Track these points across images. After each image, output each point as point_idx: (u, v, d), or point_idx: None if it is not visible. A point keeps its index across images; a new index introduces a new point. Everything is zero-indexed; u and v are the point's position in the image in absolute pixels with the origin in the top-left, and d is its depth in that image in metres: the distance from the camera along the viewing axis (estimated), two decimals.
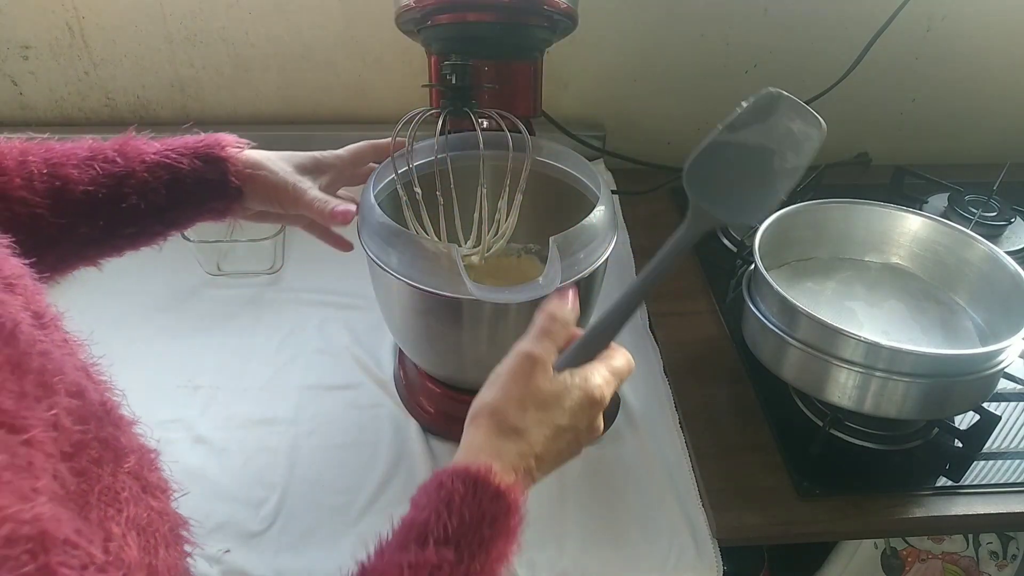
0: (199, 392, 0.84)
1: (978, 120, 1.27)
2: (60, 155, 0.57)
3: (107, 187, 0.58)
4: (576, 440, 0.50)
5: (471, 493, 0.43)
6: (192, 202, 0.63)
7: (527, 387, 0.48)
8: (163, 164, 0.60)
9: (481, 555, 0.43)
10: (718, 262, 1.03)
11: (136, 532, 0.39)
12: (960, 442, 0.80)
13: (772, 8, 1.12)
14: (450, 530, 0.42)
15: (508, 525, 0.44)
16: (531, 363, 0.49)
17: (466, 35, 0.79)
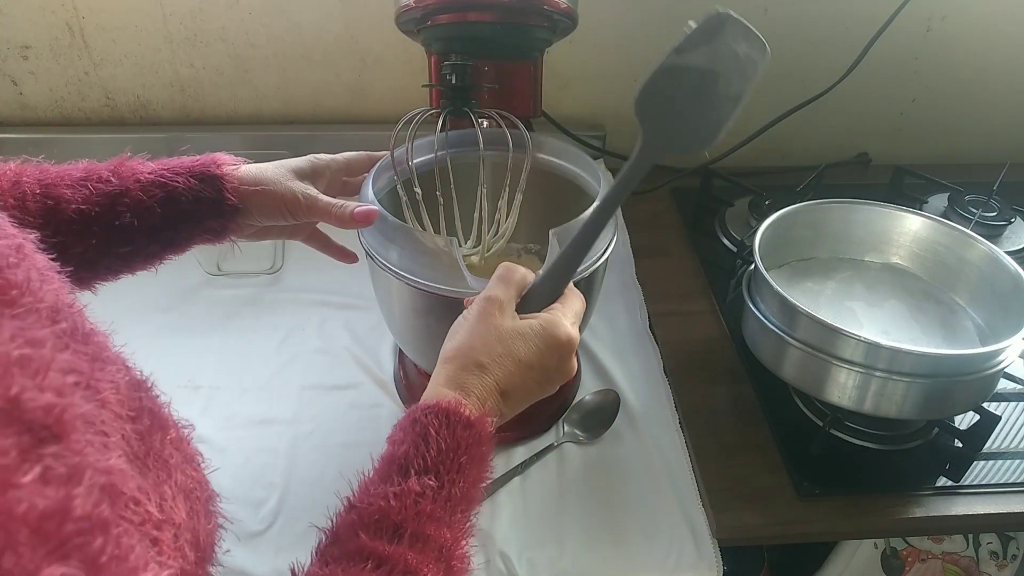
0: (199, 392, 0.84)
1: (978, 120, 1.27)
2: (54, 176, 0.58)
3: (100, 205, 0.58)
4: (546, 378, 0.52)
5: (444, 425, 0.46)
6: (188, 221, 0.62)
7: (489, 326, 0.51)
8: (158, 183, 0.60)
9: (459, 480, 0.46)
10: (718, 262, 1.03)
11: (183, 496, 0.41)
12: (960, 442, 0.80)
13: (772, 8, 1.12)
14: (429, 460, 0.45)
15: (480, 452, 0.47)
16: (492, 305, 0.52)
17: (466, 35, 0.79)
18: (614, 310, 0.96)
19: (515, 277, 0.54)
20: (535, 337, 0.51)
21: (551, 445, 0.79)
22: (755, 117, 1.13)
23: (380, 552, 0.41)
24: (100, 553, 0.27)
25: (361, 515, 0.44)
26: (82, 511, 0.27)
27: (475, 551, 0.69)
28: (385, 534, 0.42)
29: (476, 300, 0.53)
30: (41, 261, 0.38)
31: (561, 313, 0.53)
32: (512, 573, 0.68)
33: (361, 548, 0.42)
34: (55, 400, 0.29)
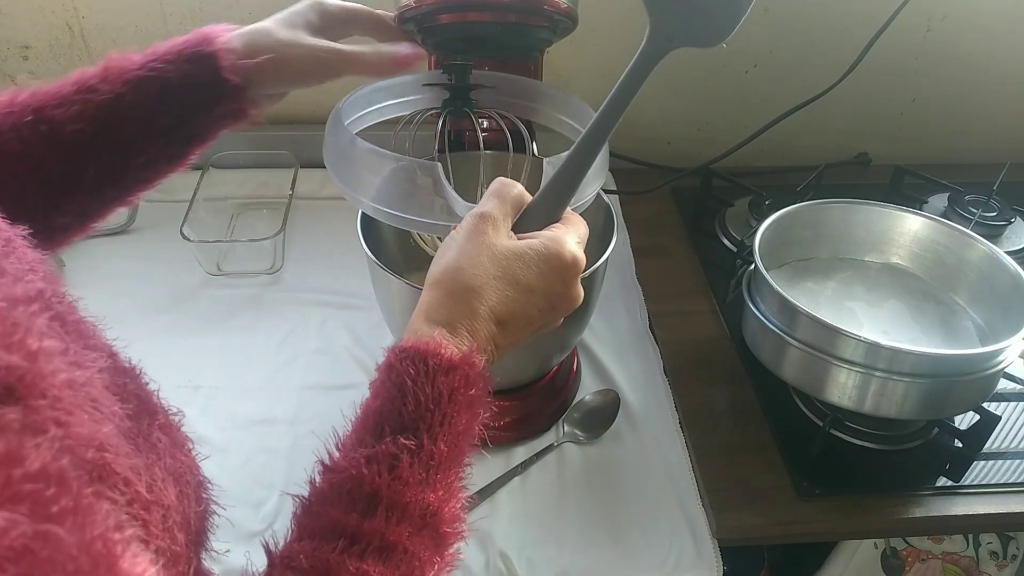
0: (199, 392, 0.84)
1: (978, 120, 1.27)
2: (44, 97, 0.52)
3: (94, 120, 0.52)
4: (550, 306, 0.46)
5: (422, 373, 0.40)
6: (196, 111, 0.55)
7: (481, 245, 0.44)
8: (148, 79, 0.53)
9: (444, 434, 0.40)
10: (718, 262, 1.03)
11: (173, 479, 0.39)
12: (960, 442, 0.80)
13: (772, 8, 1.12)
14: (405, 416, 0.40)
15: (469, 396, 0.41)
16: (484, 222, 0.45)
17: (466, 35, 0.79)
18: (614, 310, 0.96)
19: (511, 193, 0.48)
20: (536, 257, 0.45)
21: (551, 445, 0.79)
22: (755, 117, 1.13)
23: (353, 528, 0.38)
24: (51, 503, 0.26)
25: (333, 484, 0.40)
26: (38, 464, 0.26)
27: (475, 551, 0.69)
28: (358, 506, 0.38)
29: (467, 216, 0.46)
30: (31, 256, 0.38)
31: (565, 231, 0.47)
32: (512, 573, 0.68)
33: (334, 523, 0.38)
34: (20, 363, 0.28)
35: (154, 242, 1.02)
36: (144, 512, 0.34)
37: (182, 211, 0.98)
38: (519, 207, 0.48)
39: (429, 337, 0.42)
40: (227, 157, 1.08)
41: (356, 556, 0.37)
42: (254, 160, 1.10)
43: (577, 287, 0.47)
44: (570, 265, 0.46)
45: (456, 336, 0.42)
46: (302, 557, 0.37)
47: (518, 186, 0.48)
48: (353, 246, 0.74)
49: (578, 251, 0.46)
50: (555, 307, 0.47)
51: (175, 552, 0.37)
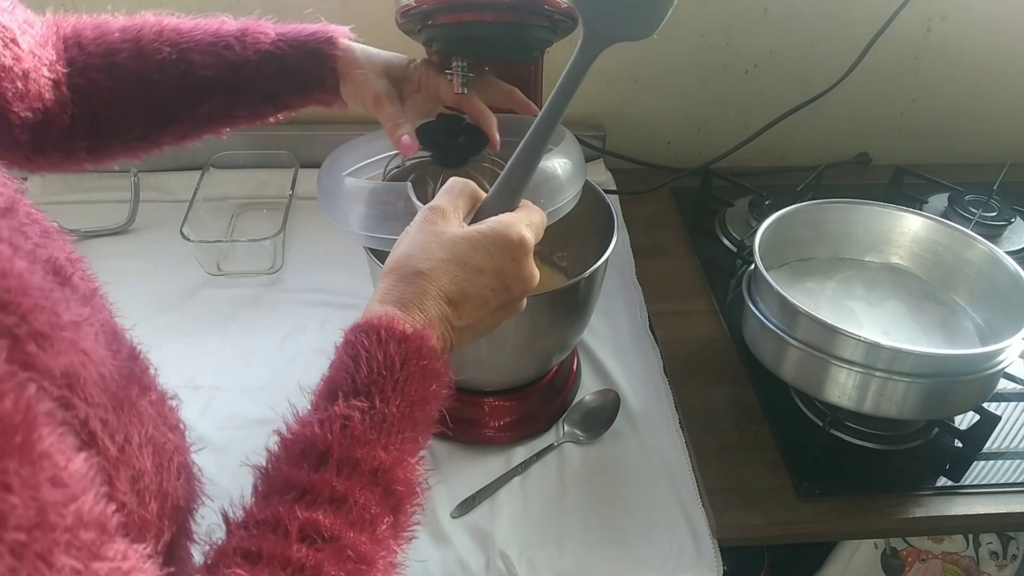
0: (199, 392, 0.84)
1: (978, 120, 1.27)
2: (190, 39, 0.62)
3: (224, 73, 0.63)
4: (502, 284, 0.48)
5: (376, 343, 0.42)
6: (299, 92, 0.67)
7: (430, 233, 0.47)
8: (275, 55, 0.64)
9: (396, 398, 0.42)
10: (718, 262, 1.03)
11: (153, 448, 0.40)
12: (960, 442, 0.80)
13: (772, 8, 1.12)
14: (358, 381, 0.42)
15: (422, 366, 0.43)
16: (434, 213, 0.48)
17: (466, 35, 0.79)
18: (614, 310, 0.96)
19: (464, 188, 0.51)
20: (483, 238, 0.47)
21: (551, 445, 0.79)
22: (755, 117, 1.13)
23: (303, 481, 0.39)
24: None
25: (287, 446, 0.41)
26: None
27: (475, 551, 0.69)
28: (309, 461, 0.39)
29: (419, 211, 0.49)
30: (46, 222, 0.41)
31: (514, 215, 0.49)
32: (512, 573, 0.68)
33: (286, 480, 0.39)
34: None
35: (154, 242, 1.02)
36: (112, 469, 0.35)
37: (182, 211, 0.98)
38: (472, 201, 0.51)
39: (383, 313, 0.44)
40: (227, 157, 1.08)
41: (306, 506, 0.38)
42: (254, 160, 1.10)
43: (528, 266, 0.49)
44: (517, 244, 0.47)
45: (407, 313, 0.44)
46: (255, 512, 0.39)
47: (470, 183, 0.51)
48: (353, 246, 0.74)
49: (527, 232, 0.48)
50: (508, 286, 0.48)
51: (144, 518, 0.38)
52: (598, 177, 1.16)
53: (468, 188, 0.51)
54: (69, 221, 1.01)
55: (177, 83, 0.62)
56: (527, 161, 0.51)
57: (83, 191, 1.08)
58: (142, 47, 0.61)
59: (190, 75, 0.62)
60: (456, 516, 0.72)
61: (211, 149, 1.05)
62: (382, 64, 0.69)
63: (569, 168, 0.69)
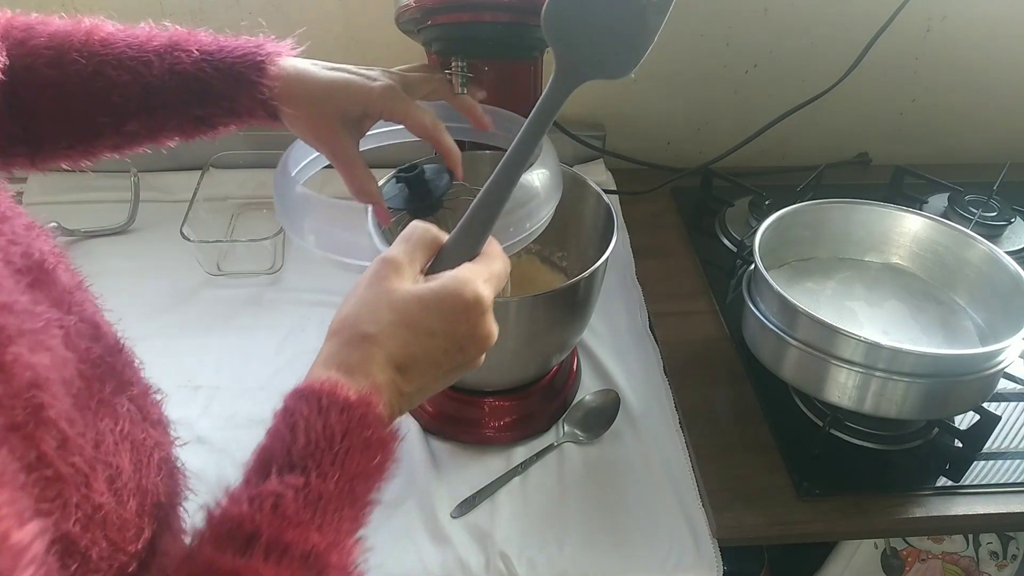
0: (199, 392, 0.84)
1: (978, 120, 1.27)
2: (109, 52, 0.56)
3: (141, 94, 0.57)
4: (456, 347, 0.45)
5: (316, 411, 0.39)
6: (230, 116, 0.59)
7: (380, 291, 0.44)
8: (197, 78, 0.57)
9: (334, 474, 0.38)
10: (718, 262, 1.03)
11: (130, 446, 0.38)
12: (960, 442, 0.80)
13: (772, 8, 1.12)
14: (294, 454, 0.38)
15: (366, 437, 0.40)
16: (386, 267, 0.44)
17: (466, 35, 0.79)
18: (614, 310, 0.96)
19: (423, 236, 0.47)
20: (434, 299, 0.43)
21: (551, 445, 0.79)
22: (755, 117, 1.13)
23: (227, 566, 0.35)
24: None
25: (213, 525, 0.37)
26: None
27: (475, 551, 0.69)
28: (235, 544, 0.36)
29: (373, 262, 0.46)
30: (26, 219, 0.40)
31: (470, 270, 0.45)
32: (512, 573, 0.68)
33: (209, 563, 0.35)
34: None
35: (154, 242, 1.02)
36: (83, 463, 0.35)
37: (182, 211, 0.98)
38: (432, 248, 0.47)
39: (326, 378, 0.41)
40: (227, 157, 1.08)
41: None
42: (254, 160, 1.10)
43: (484, 325, 0.45)
44: (472, 304, 0.44)
45: (352, 378, 0.41)
46: None
47: (431, 229, 0.47)
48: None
49: (483, 289, 0.45)
50: (462, 347, 0.45)
51: (123, 517, 0.37)
52: (598, 177, 1.16)
53: (427, 236, 0.47)
54: (69, 221, 1.01)
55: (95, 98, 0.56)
56: (492, 205, 0.48)
57: (83, 191, 1.08)
58: (62, 56, 0.55)
59: (107, 91, 0.56)
60: (456, 516, 0.72)
61: (211, 149, 1.05)
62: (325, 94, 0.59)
63: (548, 179, 0.66)
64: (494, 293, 0.46)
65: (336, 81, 0.59)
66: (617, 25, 0.46)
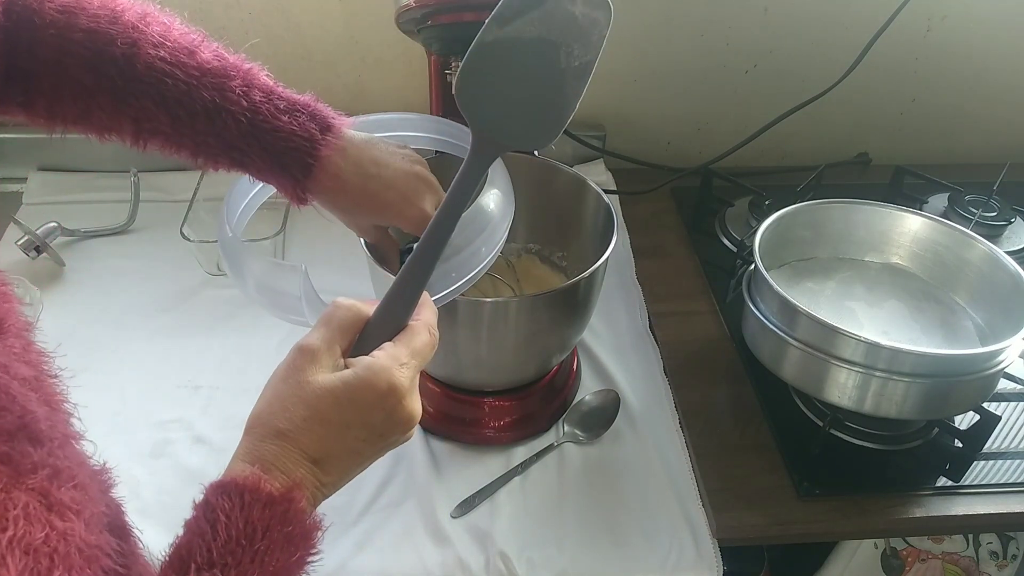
0: (199, 392, 0.84)
1: (978, 120, 1.27)
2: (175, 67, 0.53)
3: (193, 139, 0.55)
4: (375, 435, 0.44)
5: (238, 506, 0.38)
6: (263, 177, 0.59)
7: (295, 384, 0.43)
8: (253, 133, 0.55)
9: (254, 570, 0.38)
10: (718, 262, 1.03)
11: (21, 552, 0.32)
12: (960, 442, 0.80)
13: (772, 8, 1.12)
14: (214, 551, 0.37)
15: (287, 533, 0.39)
16: (302, 357, 0.44)
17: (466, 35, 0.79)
18: (614, 310, 0.96)
19: (344, 317, 0.46)
20: (347, 391, 0.43)
21: (551, 445, 0.79)
22: (755, 117, 1.13)
23: None
24: None
25: None
26: None
27: (475, 551, 0.69)
28: None
29: (290, 350, 0.46)
30: None
31: (387, 355, 0.44)
32: (512, 573, 0.68)
33: None
34: None
35: (154, 242, 1.02)
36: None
37: (182, 211, 0.97)
38: (354, 328, 0.46)
39: (249, 472, 0.40)
40: None
41: None
42: None
43: (403, 410, 0.44)
44: (386, 394, 0.43)
45: (270, 474, 0.41)
46: None
47: (353, 307, 0.46)
48: (353, 246, 0.74)
49: (398, 376, 0.44)
50: (382, 435, 0.45)
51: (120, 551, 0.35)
52: (598, 177, 1.16)
53: (348, 316, 0.46)
54: (69, 221, 1.01)
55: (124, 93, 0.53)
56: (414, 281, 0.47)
57: (83, 191, 1.08)
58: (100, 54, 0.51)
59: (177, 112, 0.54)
60: (456, 516, 0.72)
61: None
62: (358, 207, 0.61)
63: (500, 199, 0.62)
64: (417, 371, 0.45)
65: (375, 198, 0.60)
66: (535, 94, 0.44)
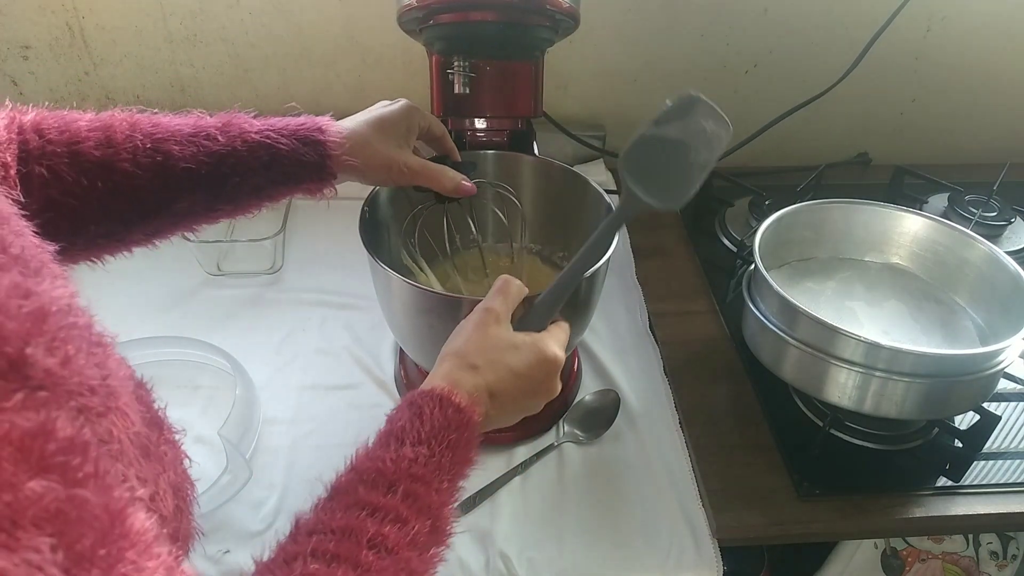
0: (199, 392, 0.84)
1: (978, 120, 1.27)
2: (165, 131, 0.59)
3: (208, 165, 0.60)
4: (532, 390, 0.57)
5: (438, 407, 0.51)
6: (288, 182, 0.64)
7: (486, 334, 0.56)
8: (263, 144, 0.61)
9: (448, 454, 0.50)
10: (718, 262, 1.03)
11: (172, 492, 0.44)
12: (960, 442, 0.80)
13: (772, 8, 1.12)
14: (423, 433, 0.49)
15: (467, 436, 0.51)
16: (489, 315, 0.57)
17: (468, 34, 0.79)
18: (614, 310, 0.96)
19: (518, 292, 0.60)
20: (526, 349, 0.56)
21: (551, 445, 0.79)
22: (755, 117, 1.13)
23: (375, 502, 0.46)
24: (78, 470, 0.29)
25: (360, 473, 0.48)
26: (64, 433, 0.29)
27: (475, 551, 0.70)
28: (380, 489, 0.46)
29: (475, 309, 0.58)
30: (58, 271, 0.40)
31: (551, 334, 0.59)
32: (512, 573, 0.68)
33: (359, 499, 0.46)
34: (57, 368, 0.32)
35: None
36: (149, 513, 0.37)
37: None
38: (518, 302, 0.60)
39: (445, 386, 0.53)
40: None
41: (376, 521, 0.45)
42: None
43: (555, 380, 0.58)
44: (551, 360, 0.57)
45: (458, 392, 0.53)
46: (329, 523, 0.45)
47: (522, 287, 0.60)
48: (353, 246, 0.74)
49: (559, 351, 0.58)
50: (536, 392, 0.58)
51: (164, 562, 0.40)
52: (598, 177, 1.16)
53: (518, 294, 0.60)
54: None
55: (152, 175, 0.58)
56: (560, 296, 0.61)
57: None
58: (111, 136, 0.57)
59: (168, 167, 0.58)
60: (456, 516, 0.72)
61: None
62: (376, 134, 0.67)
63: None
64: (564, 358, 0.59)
65: (374, 120, 0.67)
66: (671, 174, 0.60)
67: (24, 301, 0.31)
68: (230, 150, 0.61)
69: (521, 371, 0.56)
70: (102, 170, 0.56)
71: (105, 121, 0.58)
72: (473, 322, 0.58)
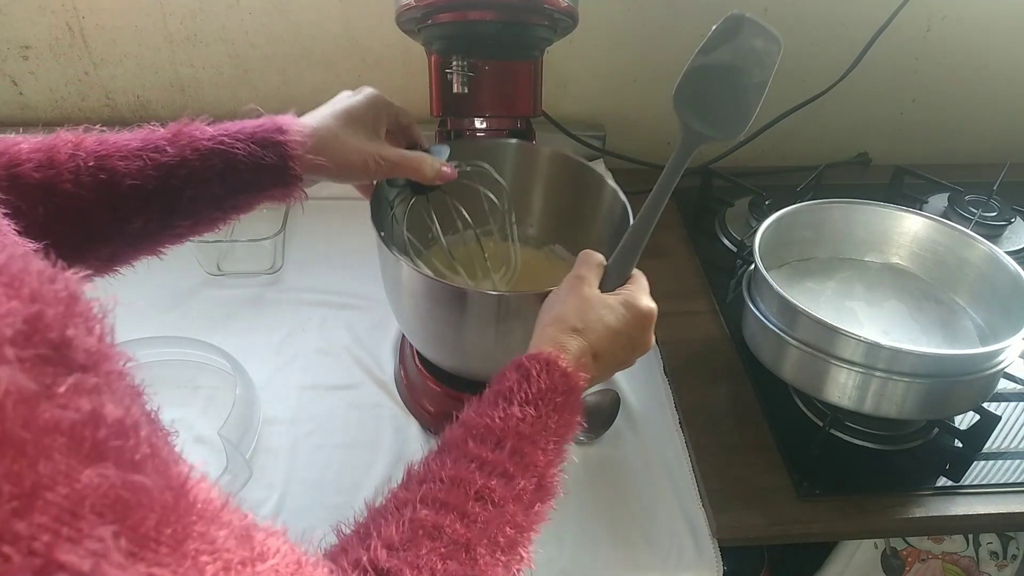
0: (199, 392, 0.84)
1: (978, 120, 1.27)
2: (111, 147, 0.55)
3: (155, 179, 0.56)
4: (630, 346, 0.58)
5: (544, 370, 0.51)
6: (250, 190, 0.60)
7: (582, 297, 0.57)
8: (216, 151, 0.57)
9: (555, 416, 0.51)
10: (718, 262, 1.03)
11: None
12: (960, 442, 0.80)
13: (772, 8, 1.12)
14: (530, 394, 0.50)
15: (571, 400, 0.52)
16: (580, 281, 0.58)
17: (467, 34, 0.79)
18: None
19: (599, 260, 0.61)
20: (621, 306, 0.57)
21: None
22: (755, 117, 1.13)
23: (483, 456, 0.47)
24: (134, 452, 0.29)
25: (469, 428, 0.49)
26: (113, 416, 0.28)
27: None
28: (489, 444, 0.48)
29: (565, 279, 0.59)
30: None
31: (638, 287, 0.60)
32: None
33: (467, 452, 0.47)
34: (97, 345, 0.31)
35: None
36: None
37: None
38: (600, 269, 0.61)
39: (552, 350, 0.53)
40: None
41: (484, 475, 0.46)
42: None
43: (651, 334, 0.60)
44: (646, 313, 0.58)
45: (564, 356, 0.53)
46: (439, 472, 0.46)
47: (599, 255, 0.61)
48: (353, 246, 0.74)
49: (651, 303, 0.59)
50: (634, 347, 0.58)
51: None
52: None
53: (598, 260, 0.61)
54: None
55: (96, 195, 0.54)
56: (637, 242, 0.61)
57: None
58: (53, 157, 0.53)
59: (114, 184, 0.54)
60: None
61: None
62: (343, 127, 0.62)
63: None
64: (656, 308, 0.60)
65: (340, 112, 0.64)
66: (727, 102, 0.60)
67: (55, 286, 0.31)
68: (179, 160, 0.56)
69: (620, 328, 0.56)
70: (43, 192, 0.52)
71: (49, 142, 0.54)
72: (565, 289, 0.58)
